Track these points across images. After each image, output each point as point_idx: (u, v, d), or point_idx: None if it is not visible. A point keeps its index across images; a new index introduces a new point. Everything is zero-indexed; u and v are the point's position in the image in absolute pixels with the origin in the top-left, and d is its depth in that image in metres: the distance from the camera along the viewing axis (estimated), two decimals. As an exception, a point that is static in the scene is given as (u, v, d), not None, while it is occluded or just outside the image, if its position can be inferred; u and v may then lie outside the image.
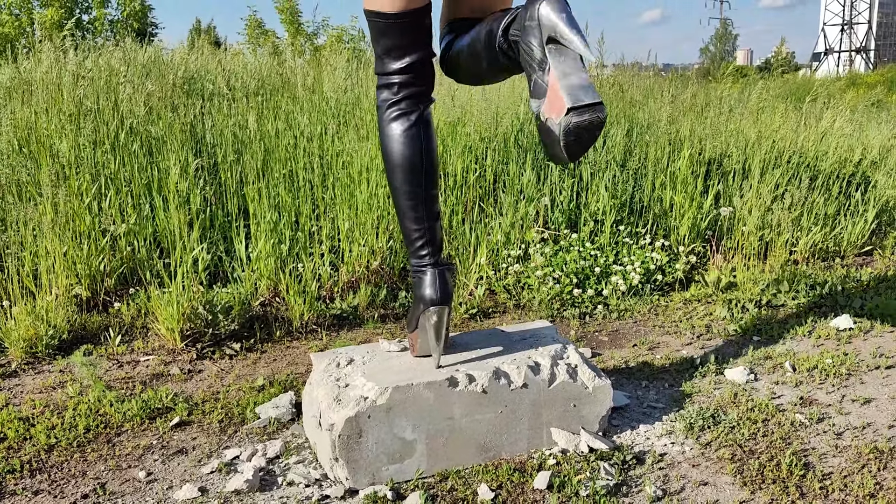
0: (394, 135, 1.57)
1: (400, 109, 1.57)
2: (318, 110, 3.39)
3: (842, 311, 2.63)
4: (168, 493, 1.49)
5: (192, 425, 1.79)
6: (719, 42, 59.64)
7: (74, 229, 2.58)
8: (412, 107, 1.57)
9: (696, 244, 3.25)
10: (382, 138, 1.59)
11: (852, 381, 2.04)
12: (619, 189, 3.27)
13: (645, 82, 4.94)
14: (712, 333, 2.46)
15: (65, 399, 1.92)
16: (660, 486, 1.51)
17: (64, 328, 2.30)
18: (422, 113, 1.58)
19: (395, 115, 1.57)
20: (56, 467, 1.59)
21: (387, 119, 1.59)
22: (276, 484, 1.52)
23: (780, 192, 3.48)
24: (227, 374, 2.12)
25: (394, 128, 1.57)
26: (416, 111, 1.57)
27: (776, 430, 1.73)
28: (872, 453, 1.63)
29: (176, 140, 2.92)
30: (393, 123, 1.57)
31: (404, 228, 1.60)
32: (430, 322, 1.55)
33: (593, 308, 2.72)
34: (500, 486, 1.50)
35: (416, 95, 1.58)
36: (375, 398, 1.47)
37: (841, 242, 3.53)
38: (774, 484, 1.50)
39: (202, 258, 2.60)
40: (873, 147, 4.49)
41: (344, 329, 2.49)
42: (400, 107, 1.57)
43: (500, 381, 1.57)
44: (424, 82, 1.59)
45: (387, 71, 1.58)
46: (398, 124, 1.57)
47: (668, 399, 1.93)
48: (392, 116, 1.58)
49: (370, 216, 2.82)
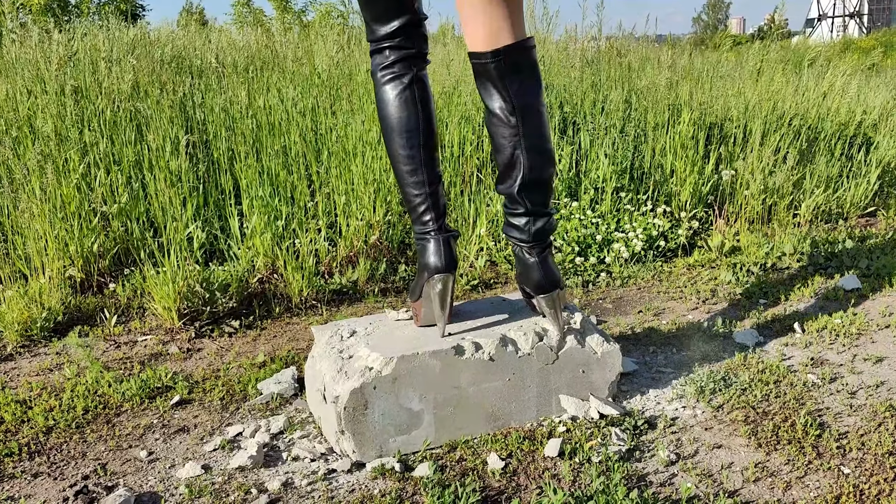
0: (388, 98, 1.53)
1: (392, 73, 1.54)
2: (310, 83, 3.32)
3: (847, 271, 2.59)
4: (170, 471, 1.46)
5: (192, 403, 1.75)
6: (712, 11, 59.19)
7: (66, 210, 2.53)
8: (404, 69, 1.53)
9: (699, 209, 3.20)
10: (378, 104, 1.56)
11: (863, 340, 2.01)
12: (618, 156, 3.21)
13: (642, 48, 4.86)
14: (718, 298, 2.43)
15: (62, 381, 1.87)
16: (673, 450, 1.48)
17: (59, 310, 2.25)
18: (415, 74, 1.54)
19: (388, 78, 1.54)
20: (55, 449, 1.55)
21: (380, 84, 1.55)
22: (280, 459, 1.49)
23: (781, 155, 3.43)
24: (227, 351, 2.08)
25: (387, 91, 1.54)
26: (408, 73, 1.53)
27: (789, 391, 1.70)
28: (888, 411, 1.60)
29: (165, 116, 2.86)
30: (386, 87, 1.54)
31: (405, 195, 1.56)
32: (435, 290, 1.51)
33: (596, 276, 2.68)
34: (510, 454, 1.47)
35: (408, 58, 1.53)
36: (381, 368, 1.43)
37: (844, 204, 3.49)
38: (790, 444, 1.47)
39: (197, 236, 2.55)
40: (874, 108, 4.43)
41: (344, 304, 2.45)
42: (392, 70, 1.54)
43: (508, 348, 1.53)
44: (414, 44, 1.54)
45: (376, 37, 1.54)
46: (391, 87, 1.53)
47: (676, 364, 1.89)
48: (385, 80, 1.54)
49: (367, 190, 2.77)
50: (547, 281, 1.55)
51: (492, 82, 1.48)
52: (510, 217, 1.58)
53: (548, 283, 1.55)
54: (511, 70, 1.46)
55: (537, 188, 1.53)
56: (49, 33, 3.50)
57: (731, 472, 1.40)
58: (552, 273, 1.56)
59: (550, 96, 3.57)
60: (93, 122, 2.82)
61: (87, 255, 2.49)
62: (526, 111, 1.48)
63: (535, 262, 1.55)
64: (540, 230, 1.55)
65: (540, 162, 1.51)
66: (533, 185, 1.52)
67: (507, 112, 1.48)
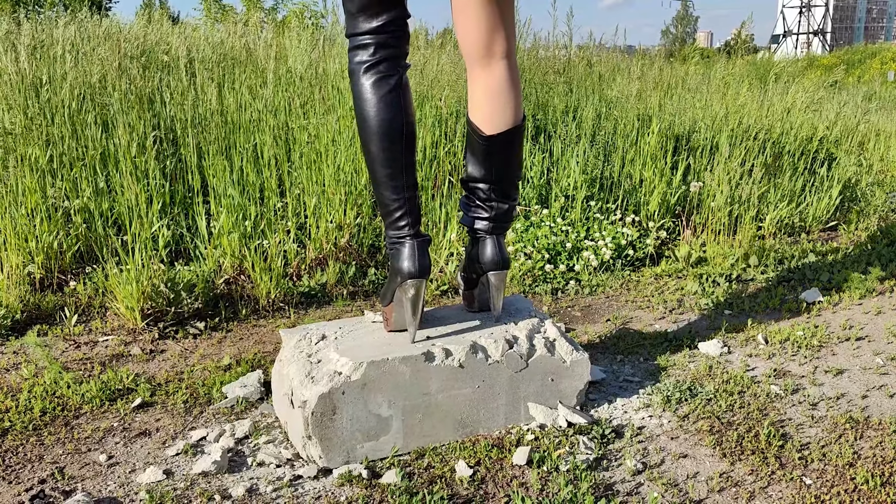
0: (371, 99, 1.48)
1: (378, 73, 1.48)
2: (282, 83, 3.28)
3: (810, 284, 2.64)
4: (131, 476, 1.42)
5: (155, 406, 1.72)
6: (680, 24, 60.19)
7: (26, 205, 2.46)
8: (390, 70, 1.49)
9: (666, 220, 3.24)
10: (359, 103, 1.50)
11: (824, 352, 2.05)
12: (589, 165, 3.24)
13: (612, 58, 4.92)
14: (684, 308, 2.46)
15: (19, 381, 1.82)
16: (640, 459, 1.49)
17: (17, 308, 2.19)
18: (401, 77, 1.50)
19: (374, 79, 1.48)
20: (11, 452, 1.51)
21: (363, 83, 1.49)
22: (245, 465, 1.46)
23: (747, 168, 3.49)
24: (192, 353, 2.04)
25: (372, 92, 1.48)
26: (394, 75, 1.49)
27: (752, 402, 1.73)
28: (848, 423, 1.63)
29: (133, 111, 2.80)
30: (370, 87, 1.48)
31: (381, 199, 1.53)
32: (408, 295, 1.50)
33: (565, 284, 2.70)
34: (478, 462, 1.46)
35: (394, 58, 1.50)
36: (350, 373, 1.42)
37: (807, 218, 3.56)
38: (754, 455, 1.49)
39: (162, 234, 2.50)
40: (835, 125, 4.54)
41: (312, 307, 2.42)
42: (378, 69, 1.48)
43: (478, 355, 1.53)
44: (400, 43, 1.51)
45: (360, 31, 1.49)
46: (376, 88, 1.48)
47: (643, 373, 1.91)
48: (369, 80, 1.48)
49: (338, 191, 2.74)
50: (502, 258, 1.63)
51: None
52: (475, 207, 1.66)
53: (502, 261, 1.63)
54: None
55: (507, 190, 1.66)
56: (19, 24, 3.41)
57: (696, 482, 1.41)
58: (505, 253, 1.65)
59: (523, 103, 3.58)
60: (56, 115, 2.76)
61: (47, 251, 2.43)
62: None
63: (494, 242, 1.64)
64: (504, 214, 1.66)
65: (511, 176, 1.66)
66: (502, 189, 1.66)
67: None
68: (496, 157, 1.61)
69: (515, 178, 1.66)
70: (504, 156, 1.61)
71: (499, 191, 1.63)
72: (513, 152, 1.62)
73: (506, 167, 1.62)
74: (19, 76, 2.87)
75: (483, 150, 1.60)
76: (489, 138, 1.58)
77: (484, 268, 1.63)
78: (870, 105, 6.59)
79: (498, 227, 1.64)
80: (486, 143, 1.59)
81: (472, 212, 1.66)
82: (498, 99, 1.57)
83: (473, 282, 1.72)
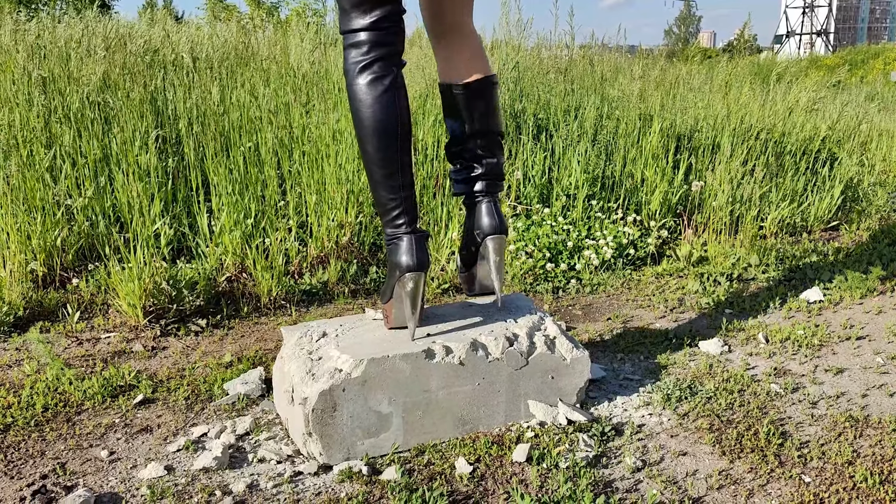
0: (367, 100, 1.46)
1: (373, 73, 1.47)
2: (284, 81, 3.29)
3: (811, 283, 2.65)
4: (132, 472, 1.43)
5: (156, 403, 1.72)
6: (683, 24, 60.12)
7: (29, 203, 2.47)
8: (385, 70, 1.47)
9: (668, 219, 3.24)
10: (354, 104, 1.49)
11: (824, 351, 2.05)
12: (590, 164, 3.24)
13: (614, 58, 4.92)
14: (685, 307, 2.46)
15: (21, 378, 1.83)
16: (639, 456, 1.49)
17: (19, 305, 2.20)
18: (396, 76, 1.48)
19: (369, 78, 1.46)
20: (13, 447, 1.51)
21: (358, 83, 1.47)
22: (246, 461, 1.47)
23: (749, 168, 3.49)
24: (193, 350, 2.05)
25: (367, 92, 1.46)
26: (389, 74, 1.47)
27: (752, 400, 1.73)
28: (848, 422, 1.63)
29: (135, 110, 2.81)
30: (365, 87, 1.47)
31: (378, 198, 1.53)
32: (406, 289, 1.50)
33: (566, 282, 2.70)
34: (478, 459, 1.47)
35: (389, 56, 1.48)
36: (350, 371, 1.42)
37: (808, 218, 3.56)
38: (753, 453, 1.50)
39: (164, 232, 2.51)
40: (837, 125, 4.54)
41: (314, 305, 2.43)
42: (373, 69, 1.47)
43: (478, 352, 1.53)
44: (395, 40, 1.49)
45: (354, 27, 1.47)
46: (372, 88, 1.46)
47: (644, 371, 1.91)
48: (364, 80, 1.47)
49: (339, 190, 2.75)
50: (499, 222, 1.66)
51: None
52: (465, 169, 1.70)
53: (500, 224, 1.65)
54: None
55: (492, 147, 1.70)
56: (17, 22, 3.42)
57: (695, 480, 1.41)
58: (502, 217, 1.68)
59: (525, 102, 3.59)
60: (60, 113, 2.76)
61: (50, 249, 2.44)
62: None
63: (490, 206, 1.67)
64: (495, 168, 1.68)
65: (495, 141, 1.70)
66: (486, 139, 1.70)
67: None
68: (476, 108, 1.65)
69: (499, 135, 1.71)
70: (483, 105, 1.66)
71: (485, 144, 1.67)
72: (491, 102, 1.67)
73: (487, 116, 1.66)
74: (26, 75, 2.88)
75: (463, 103, 1.65)
76: (465, 86, 1.63)
77: (483, 233, 1.65)
78: (872, 105, 6.58)
79: (492, 185, 1.68)
80: (464, 93, 1.64)
81: (463, 174, 1.69)
82: (472, 54, 1.65)
83: (472, 257, 1.74)
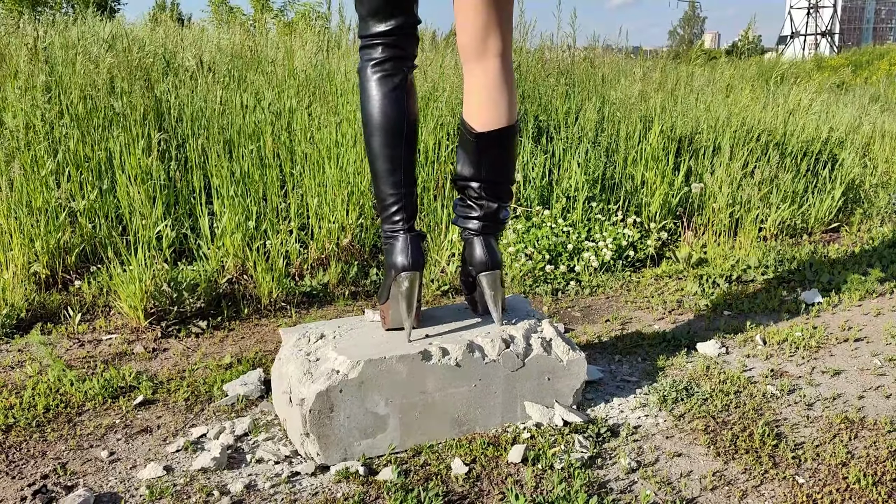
0: (376, 96, 1.53)
1: (384, 71, 1.54)
2: (287, 85, 3.31)
3: (810, 285, 2.65)
4: (132, 472, 1.45)
5: (156, 404, 1.74)
6: (687, 25, 60.09)
7: (32, 206, 2.49)
8: (395, 69, 1.54)
9: (668, 221, 3.25)
10: (364, 99, 1.55)
11: (822, 353, 2.06)
12: (591, 166, 3.25)
13: (616, 59, 4.92)
14: (684, 308, 2.47)
15: (23, 379, 1.85)
16: (634, 457, 1.50)
17: (22, 307, 2.22)
18: (405, 76, 1.56)
19: (379, 76, 1.54)
20: (14, 448, 1.53)
21: (369, 80, 1.55)
22: (244, 461, 1.48)
23: (749, 170, 3.50)
24: (194, 352, 2.06)
25: (377, 89, 1.54)
26: (399, 74, 1.54)
27: (748, 402, 1.74)
28: (843, 423, 1.64)
29: (138, 113, 2.83)
30: (376, 85, 1.54)
31: (379, 193, 1.56)
32: (402, 289, 1.51)
33: (566, 284, 2.71)
34: (473, 460, 1.48)
35: (400, 58, 1.55)
36: (347, 372, 1.44)
37: (809, 219, 3.57)
38: (747, 454, 1.51)
39: (166, 234, 2.53)
40: (840, 126, 4.54)
41: (314, 307, 2.44)
42: (384, 68, 1.54)
43: (474, 354, 1.55)
44: (408, 46, 1.56)
45: (370, 33, 1.54)
46: (381, 85, 1.53)
47: (641, 373, 1.92)
48: (375, 78, 1.54)
49: (340, 192, 2.77)
50: (491, 259, 1.62)
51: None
52: (465, 207, 1.67)
53: (491, 261, 1.62)
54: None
55: (497, 191, 1.67)
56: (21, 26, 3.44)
57: (689, 480, 1.42)
58: (495, 252, 1.64)
59: (525, 104, 3.60)
60: (64, 116, 2.78)
61: (52, 251, 2.46)
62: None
63: (482, 242, 1.63)
64: (493, 214, 1.66)
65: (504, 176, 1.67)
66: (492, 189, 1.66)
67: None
68: (486, 156, 1.61)
69: (506, 180, 1.66)
70: (494, 155, 1.62)
71: (488, 190, 1.64)
72: (504, 153, 1.62)
73: (496, 167, 1.62)
74: (30, 79, 2.90)
75: (473, 148, 1.61)
76: (478, 135, 1.59)
77: (474, 270, 1.63)
78: (874, 106, 6.57)
79: (487, 227, 1.64)
80: (475, 140, 1.60)
81: (462, 211, 1.67)
82: (489, 96, 1.58)
83: (471, 285, 1.72)
